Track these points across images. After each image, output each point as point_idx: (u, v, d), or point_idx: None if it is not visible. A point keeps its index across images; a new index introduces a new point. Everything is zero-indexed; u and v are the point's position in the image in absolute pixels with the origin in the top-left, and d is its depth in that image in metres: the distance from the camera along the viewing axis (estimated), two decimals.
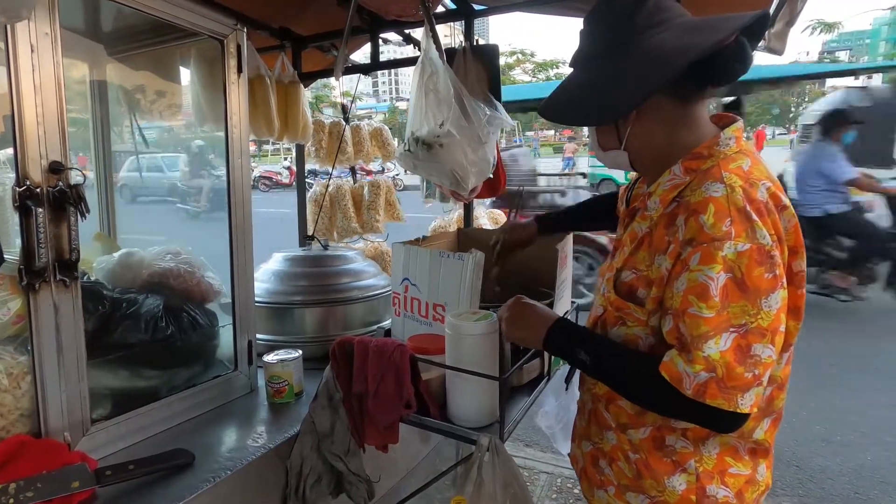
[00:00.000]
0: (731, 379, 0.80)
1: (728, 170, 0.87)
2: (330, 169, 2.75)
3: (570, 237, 1.65)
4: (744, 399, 0.81)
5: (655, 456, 0.96)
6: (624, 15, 0.91)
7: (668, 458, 0.95)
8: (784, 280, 0.83)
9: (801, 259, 0.91)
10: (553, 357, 1.51)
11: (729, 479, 0.94)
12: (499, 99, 1.98)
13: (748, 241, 0.80)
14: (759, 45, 1.87)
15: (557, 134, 39.95)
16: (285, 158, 20.72)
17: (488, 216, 3.15)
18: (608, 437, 1.04)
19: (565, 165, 16.98)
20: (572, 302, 1.78)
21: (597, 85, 0.94)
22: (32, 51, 0.95)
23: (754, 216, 0.82)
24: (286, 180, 18.29)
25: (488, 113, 1.78)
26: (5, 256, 0.98)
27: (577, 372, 1.19)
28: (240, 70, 1.38)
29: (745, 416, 0.83)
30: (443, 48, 1.89)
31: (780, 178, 5.06)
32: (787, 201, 0.89)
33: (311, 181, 3.12)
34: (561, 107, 1.01)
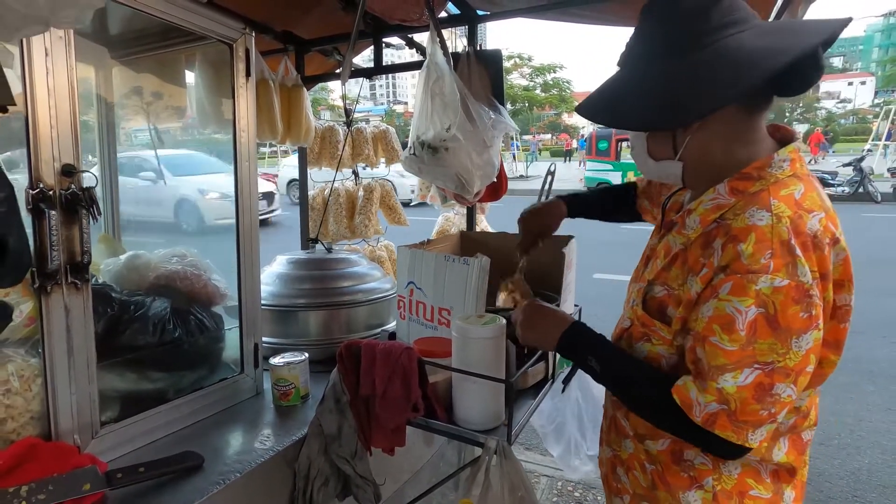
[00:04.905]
0: (744, 414, 0.78)
1: (778, 197, 0.81)
2: (321, 171, 2.77)
3: (574, 240, 1.66)
4: (754, 434, 0.79)
5: (672, 469, 0.94)
6: (698, 10, 0.82)
7: (685, 473, 0.92)
8: (820, 321, 0.78)
9: (847, 293, 0.85)
10: (557, 361, 1.52)
11: (748, 502, 0.90)
12: (502, 103, 2.00)
13: (787, 277, 0.75)
14: None
15: (555, 138, 40.10)
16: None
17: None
18: (626, 446, 1.03)
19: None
20: (575, 305, 1.80)
21: (663, 85, 0.85)
22: (47, 55, 0.95)
23: (798, 251, 0.76)
24: None
25: (493, 117, 1.79)
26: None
27: None
28: (248, 74, 1.38)
29: (749, 448, 0.81)
30: (450, 52, 1.90)
31: None
32: (839, 234, 0.83)
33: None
34: (610, 106, 0.91)
